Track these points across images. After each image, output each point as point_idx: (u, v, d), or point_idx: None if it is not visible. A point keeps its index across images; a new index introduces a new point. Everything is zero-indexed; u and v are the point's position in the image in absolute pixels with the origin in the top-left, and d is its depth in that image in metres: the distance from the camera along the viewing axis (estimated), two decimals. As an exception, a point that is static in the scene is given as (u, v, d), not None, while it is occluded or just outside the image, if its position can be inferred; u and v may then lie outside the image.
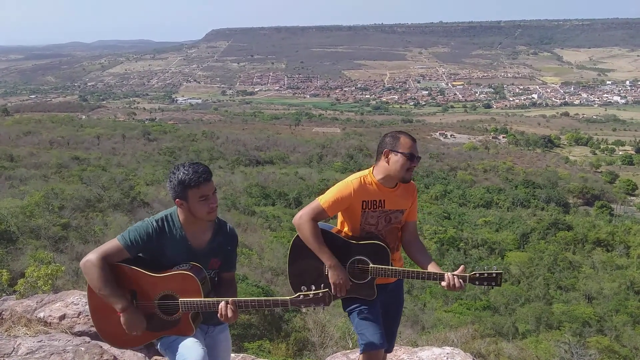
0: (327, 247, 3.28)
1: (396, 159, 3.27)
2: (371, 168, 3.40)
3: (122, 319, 2.89)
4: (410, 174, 3.29)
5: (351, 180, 3.33)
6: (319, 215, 3.30)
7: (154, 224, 2.97)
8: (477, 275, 3.16)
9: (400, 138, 3.32)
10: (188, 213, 2.98)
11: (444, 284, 3.16)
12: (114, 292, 2.87)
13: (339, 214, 3.41)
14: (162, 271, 2.94)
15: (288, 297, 2.89)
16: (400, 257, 3.55)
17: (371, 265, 3.28)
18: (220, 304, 2.87)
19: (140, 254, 3.02)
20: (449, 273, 3.16)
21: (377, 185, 3.32)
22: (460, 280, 3.13)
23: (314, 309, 2.93)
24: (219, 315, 2.88)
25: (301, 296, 2.86)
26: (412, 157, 3.26)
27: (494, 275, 3.15)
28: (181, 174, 2.90)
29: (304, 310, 2.90)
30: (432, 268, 3.29)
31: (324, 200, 3.30)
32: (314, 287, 2.88)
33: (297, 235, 3.38)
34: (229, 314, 2.85)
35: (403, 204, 3.40)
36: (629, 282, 30.11)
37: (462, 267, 3.20)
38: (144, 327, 2.94)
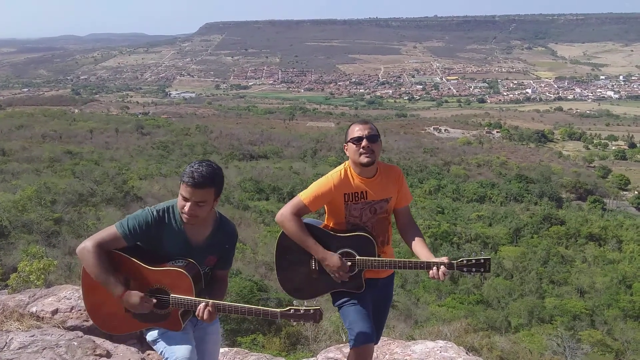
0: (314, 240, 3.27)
1: (348, 148, 3.29)
2: (349, 160, 3.38)
3: (124, 303, 2.89)
4: (367, 157, 3.23)
5: (331, 175, 3.32)
6: (301, 211, 3.28)
7: (154, 213, 2.94)
8: (465, 262, 3.12)
9: (349, 128, 3.34)
10: None
11: (431, 273, 3.13)
12: (110, 279, 2.86)
13: (326, 209, 3.39)
14: (157, 264, 2.92)
15: (278, 310, 2.87)
16: (392, 252, 3.52)
17: (357, 257, 3.26)
18: (200, 304, 2.85)
19: (138, 243, 2.99)
20: (436, 259, 3.15)
21: (357, 177, 3.31)
22: (445, 269, 3.10)
23: (304, 324, 2.89)
24: (196, 314, 2.87)
25: (292, 310, 2.84)
26: (358, 139, 3.23)
27: (482, 261, 3.11)
28: (189, 165, 2.89)
29: (294, 324, 2.86)
30: (423, 255, 3.28)
31: (305, 195, 3.28)
32: (305, 303, 2.86)
33: (282, 234, 3.35)
34: (206, 315, 2.84)
35: (387, 192, 3.37)
36: (621, 277, 30.30)
37: (445, 258, 3.16)
38: (151, 304, 2.90)
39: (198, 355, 3.01)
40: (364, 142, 3.22)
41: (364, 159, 3.24)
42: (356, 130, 3.26)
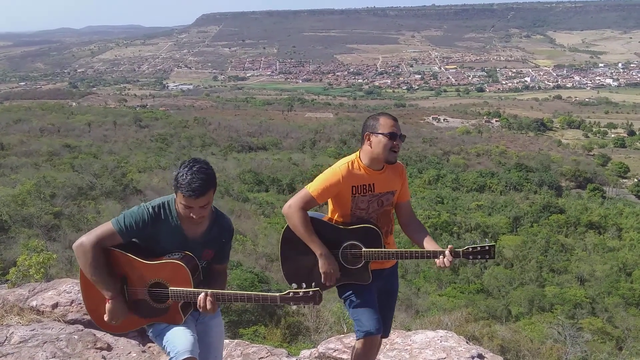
0: (318, 235, 3.25)
1: (378, 141, 3.23)
2: (358, 152, 3.36)
3: (107, 305, 2.88)
4: (394, 155, 3.24)
5: (339, 167, 3.28)
6: (309, 204, 3.26)
7: (150, 210, 2.92)
8: (471, 249, 3.15)
9: (380, 119, 3.27)
10: None
11: (438, 261, 3.15)
12: (104, 279, 2.85)
13: (329, 201, 3.37)
14: (154, 258, 2.91)
15: (277, 294, 2.85)
16: (394, 242, 3.52)
17: (364, 249, 3.26)
18: (200, 295, 2.84)
19: (134, 239, 2.98)
20: (441, 249, 3.16)
21: (365, 169, 3.28)
22: (451, 256, 3.12)
23: (304, 307, 2.86)
24: (197, 306, 2.86)
25: (291, 293, 2.82)
26: (393, 136, 3.21)
27: (487, 247, 3.15)
28: (180, 173, 2.81)
29: (294, 307, 2.82)
30: (429, 246, 3.28)
31: (312, 188, 3.26)
32: (304, 285, 2.83)
33: (287, 225, 3.33)
34: (208, 305, 2.83)
35: (393, 186, 3.37)
36: (621, 264, 30.39)
37: (450, 246, 3.18)
38: (123, 318, 2.93)
39: (202, 350, 2.99)
40: (397, 141, 3.22)
41: (392, 157, 3.25)
42: (392, 126, 3.23)
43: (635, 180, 68.62)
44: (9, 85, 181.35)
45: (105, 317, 2.90)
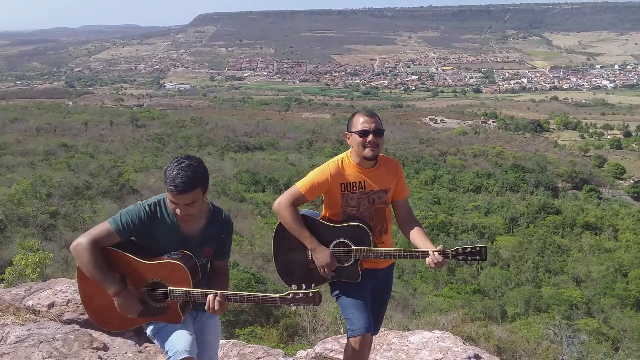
0: (310, 233, 3.26)
1: (352, 139, 3.25)
2: (349, 150, 3.36)
3: (116, 302, 2.86)
4: (371, 151, 3.21)
5: (328, 165, 3.29)
6: (298, 200, 3.27)
7: (146, 208, 2.91)
8: (460, 250, 3.09)
9: (354, 117, 3.30)
10: None
11: (427, 261, 3.11)
12: (105, 276, 2.83)
13: (323, 199, 3.37)
14: (153, 258, 2.90)
15: (277, 295, 2.85)
16: (392, 242, 3.51)
17: (353, 247, 3.25)
18: (209, 296, 2.83)
19: (132, 238, 2.97)
20: (431, 250, 3.11)
21: (355, 167, 3.29)
22: (440, 257, 3.07)
23: (304, 307, 2.84)
24: (206, 307, 2.85)
25: (291, 295, 2.81)
26: (364, 134, 3.19)
27: (478, 248, 3.08)
28: (169, 167, 2.82)
29: (293, 308, 2.82)
30: (422, 245, 3.25)
31: (301, 185, 3.27)
32: (304, 286, 2.83)
33: (280, 223, 3.34)
34: (216, 306, 2.82)
35: (386, 184, 3.35)
36: (617, 265, 30.46)
37: (440, 246, 3.14)
38: (139, 309, 2.91)
39: (199, 348, 2.98)
40: (370, 137, 3.19)
41: (368, 153, 3.21)
42: (362, 123, 3.22)
43: (631, 181, 68.85)
44: (5, 85, 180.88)
45: (121, 313, 2.89)
